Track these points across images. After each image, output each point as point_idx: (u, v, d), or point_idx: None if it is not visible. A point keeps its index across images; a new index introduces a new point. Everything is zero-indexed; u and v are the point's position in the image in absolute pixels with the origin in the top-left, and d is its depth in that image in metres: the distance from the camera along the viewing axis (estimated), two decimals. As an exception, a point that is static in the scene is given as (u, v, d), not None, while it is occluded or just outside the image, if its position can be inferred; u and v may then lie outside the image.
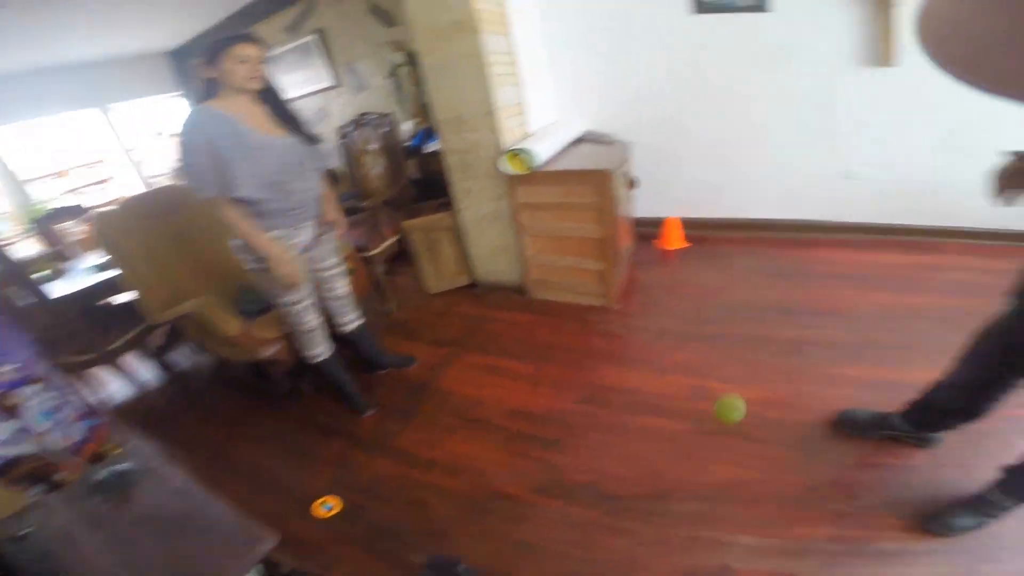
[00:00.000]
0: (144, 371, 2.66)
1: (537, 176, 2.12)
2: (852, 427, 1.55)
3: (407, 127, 3.56)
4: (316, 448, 1.89)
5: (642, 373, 1.96)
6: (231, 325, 1.83)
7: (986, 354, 1.23)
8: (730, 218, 2.94)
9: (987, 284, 2.06)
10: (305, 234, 1.66)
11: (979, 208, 2.10)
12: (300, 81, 4.20)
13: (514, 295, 2.64)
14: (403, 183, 3.20)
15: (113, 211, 2.00)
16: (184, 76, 5.07)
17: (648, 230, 3.03)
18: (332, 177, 3.43)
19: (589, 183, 2.06)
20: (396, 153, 3.24)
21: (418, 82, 3.38)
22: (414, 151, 3.39)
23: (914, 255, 2.48)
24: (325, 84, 4.17)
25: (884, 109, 2.36)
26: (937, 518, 1.28)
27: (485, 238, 2.54)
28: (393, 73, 3.70)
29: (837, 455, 1.50)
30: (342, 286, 1.91)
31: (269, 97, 1.52)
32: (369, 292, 2.49)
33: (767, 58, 2.43)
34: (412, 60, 3.43)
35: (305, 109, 4.19)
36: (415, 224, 2.66)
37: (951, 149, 2.32)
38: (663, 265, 2.80)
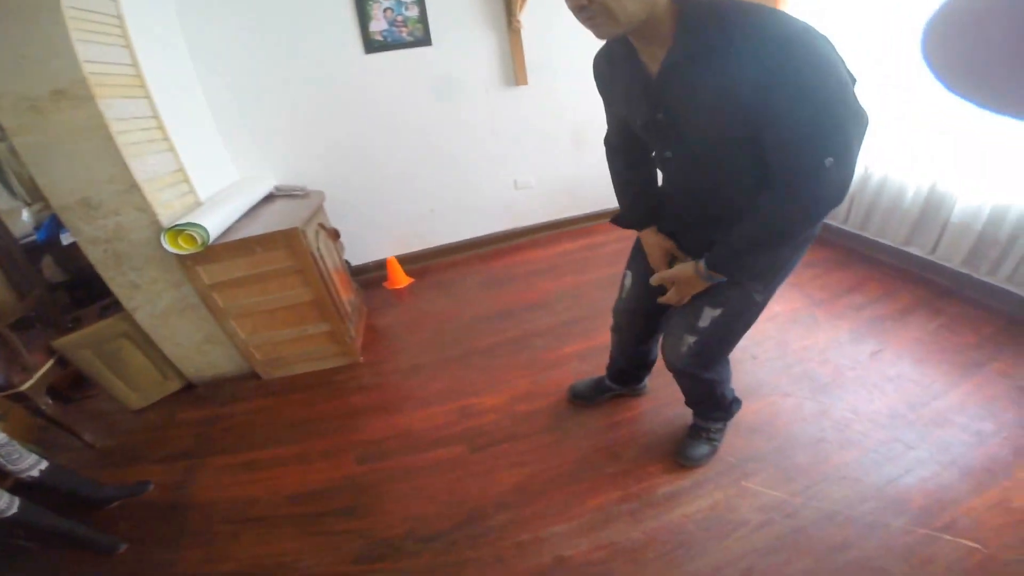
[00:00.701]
0: None
1: (216, 251, 1.86)
2: (581, 398, 1.83)
3: (25, 218, 2.70)
4: None
5: (407, 413, 1.98)
6: None
7: (626, 324, 1.52)
8: (442, 245, 3.22)
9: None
10: None
11: (608, 190, 2.86)
12: None
13: (246, 383, 2.30)
14: (38, 292, 2.40)
15: None
16: None
17: (375, 275, 3.08)
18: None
19: (279, 246, 1.92)
20: (12, 254, 2.41)
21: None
22: (46, 246, 2.58)
23: (580, 240, 3.19)
24: None
25: (529, 122, 2.94)
26: (681, 452, 1.52)
27: (180, 334, 2.11)
28: (-14, 151, 2.74)
29: (587, 424, 1.77)
30: None
31: None
32: (38, 434, 2.00)
33: (438, 90, 2.72)
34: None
35: None
36: (72, 341, 2.03)
37: (579, 147, 3.06)
38: (396, 305, 2.87)
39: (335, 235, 2.42)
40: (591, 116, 2.90)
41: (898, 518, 1.30)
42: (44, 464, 1.60)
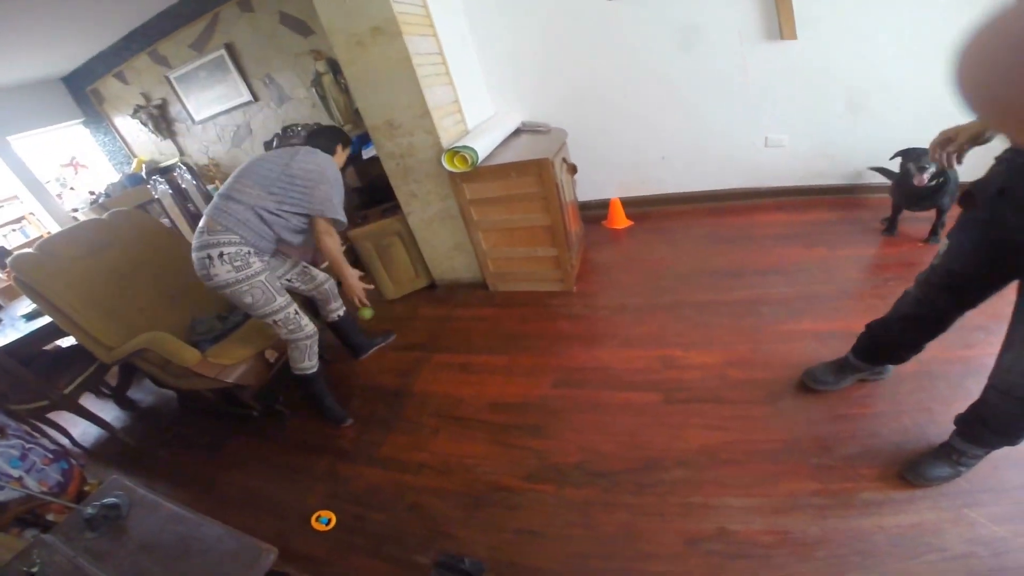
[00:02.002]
0: (108, 411, 2.54)
1: (480, 172, 2.20)
2: (822, 383, 1.63)
3: (358, 136, 3.53)
4: (303, 466, 1.88)
5: (609, 350, 2.06)
6: (189, 355, 1.80)
7: (931, 291, 1.31)
8: (668, 193, 3.15)
9: (904, 232, 2.38)
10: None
11: (887, 163, 2.37)
12: (216, 98, 4.07)
13: (475, 291, 2.70)
14: (344, 192, 3.18)
15: (29, 254, 1.88)
16: (82, 103, 4.78)
17: (595, 212, 3.21)
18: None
19: (530, 173, 2.16)
20: (331, 164, 3.21)
21: (344, 89, 3.35)
22: (351, 159, 3.36)
23: (841, 211, 2.75)
24: (242, 99, 4.05)
25: (792, 80, 2.61)
26: (914, 468, 1.35)
27: (437, 238, 2.59)
28: (316, 82, 3.64)
29: (806, 409, 1.61)
30: (320, 274, 2.08)
31: None
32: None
33: (681, 39, 2.62)
34: (335, 68, 3.39)
35: (226, 126, 4.08)
36: (362, 232, 2.67)
37: (854, 112, 2.61)
38: (613, 244, 2.95)
39: (573, 170, 2.60)
40: (872, 80, 2.50)
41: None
42: (343, 310, 2.11)
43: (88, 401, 2.40)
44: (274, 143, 3.24)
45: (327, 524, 1.60)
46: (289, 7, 3.45)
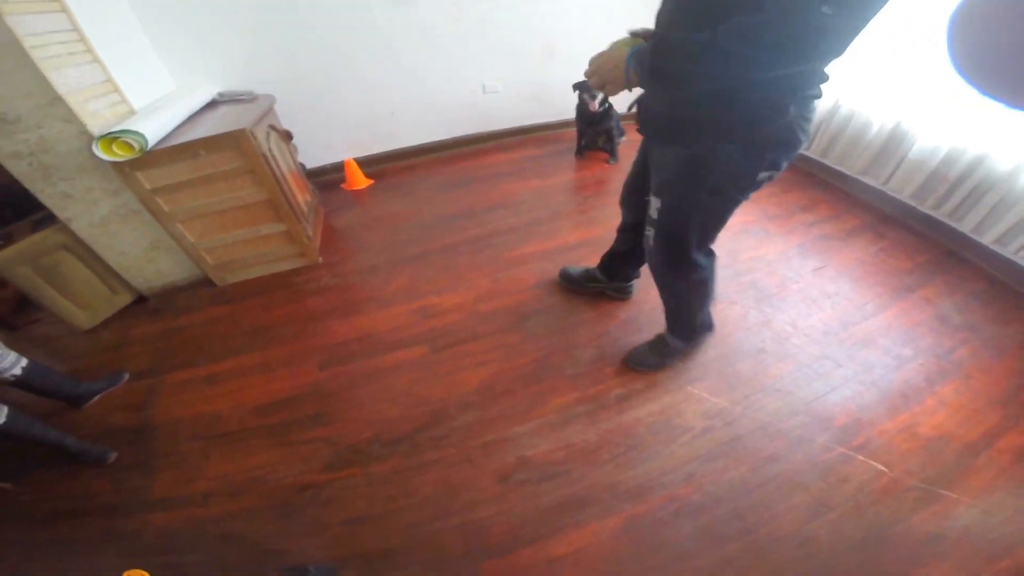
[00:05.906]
0: None
1: (158, 155, 1.89)
2: (572, 282, 1.96)
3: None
4: (74, 536, 1.50)
5: (369, 315, 2.07)
6: None
7: (625, 199, 1.54)
8: (401, 148, 3.26)
9: (593, 155, 2.98)
10: None
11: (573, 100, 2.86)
12: None
13: (200, 290, 2.37)
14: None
15: None
16: None
17: (332, 177, 3.13)
18: None
19: (226, 147, 1.95)
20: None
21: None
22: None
23: (547, 146, 3.31)
24: None
25: (498, 30, 2.93)
26: (631, 355, 1.66)
27: (124, 241, 2.16)
28: None
29: (547, 324, 1.87)
30: None
31: None
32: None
33: None
34: None
35: None
36: (5, 257, 2.04)
37: (550, 57, 3.11)
38: (355, 206, 2.92)
39: (288, 136, 2.43)
40: (562, 28, 2.99)
41: (821, 434, 1.43)
42: (24, 362, 1.65)
43: None
44: None
45: (143, 584, 1.31)
46: None
